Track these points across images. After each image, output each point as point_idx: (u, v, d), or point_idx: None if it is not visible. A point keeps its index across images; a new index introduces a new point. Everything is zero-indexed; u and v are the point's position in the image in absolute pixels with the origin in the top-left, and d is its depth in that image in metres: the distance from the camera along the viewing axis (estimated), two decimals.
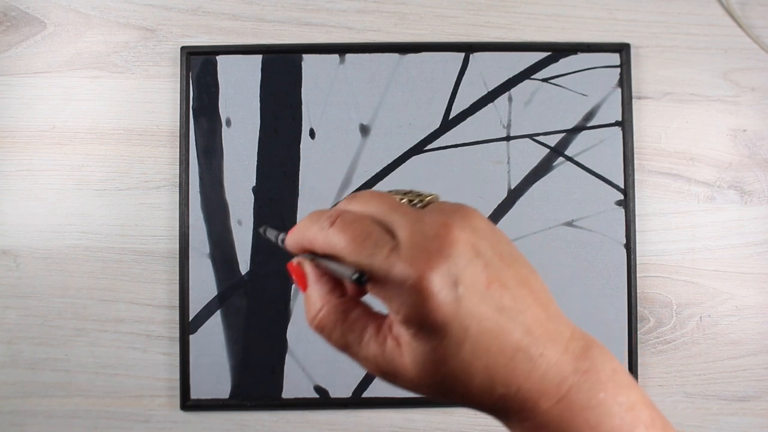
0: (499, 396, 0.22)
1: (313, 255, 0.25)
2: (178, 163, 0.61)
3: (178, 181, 0.61)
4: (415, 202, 0.26)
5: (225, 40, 0.62)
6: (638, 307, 0.61)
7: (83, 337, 0.61)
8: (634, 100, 0.62)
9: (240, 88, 0.61)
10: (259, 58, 0.62)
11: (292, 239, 0.26)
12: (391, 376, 0.24)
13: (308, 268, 0.25)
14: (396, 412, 0.61)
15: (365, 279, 0.22)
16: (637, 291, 0.61)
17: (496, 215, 0.61)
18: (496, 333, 0.22)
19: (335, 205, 0.26)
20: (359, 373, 0.60)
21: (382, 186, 0.61)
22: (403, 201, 0.26)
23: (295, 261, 0.26)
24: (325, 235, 0.24)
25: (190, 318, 0.60)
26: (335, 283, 0.25)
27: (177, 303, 0.60)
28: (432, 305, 0.21)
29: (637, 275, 0.61)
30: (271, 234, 0.29)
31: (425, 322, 0.21)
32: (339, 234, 0.23)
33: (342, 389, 0.60)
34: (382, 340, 0.23)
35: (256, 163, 0.61)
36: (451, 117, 0.62)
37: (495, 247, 0.23)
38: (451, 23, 0.63)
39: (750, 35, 0.63)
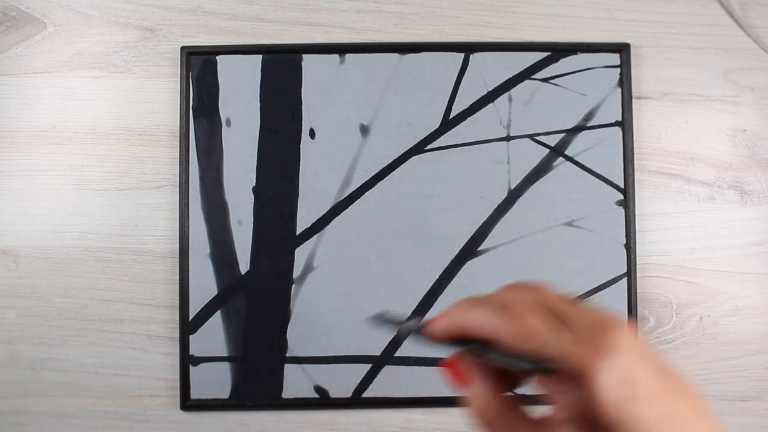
0: None
1: (466, 348, 0.25)
2: (178, 163, 0.61)
3: (178, 181, 0.61)
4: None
5: (225, 40, 0.62)
6: (638, 307, 0.61)
7: (83, 337, 0.61)
8: (634, 100, 0.62)
9: (240, 88, 0.62)
10: (259, 58, 0.62)
11: (445, 323, 0.25)
12: None
13: (470, 363, 0.25)
14: (396, 412, 0.61)
15: (552, 367, 0.21)
16: (637, 291, 0.61)
17: (496, 215, 0.61)
18: None
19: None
20: (359, 373, 0.60)
21: (382, 185, 0.61)
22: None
23: (450, 358, 0.25)
24: (494, 321, 0.23)
25: (190, 318, 0.60)
26: (496, 377, 0.25)
27: (177, 303, 0.60)
28: (605, 400, 0.21)
29: (637, 275, 0.61)
30: (390, 321, 0.27)
31: (595, 418, 0.21)
32: (514, 320, 0.23)
33: (342, 389, 0.60)
34: None
35: (256, 163, 0.61)
36: (451, 117, 0.62)
37: (653, 358, 0.22)
38: (451, 23, 0.63)
39: (750, 35, 0.63)
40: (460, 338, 0.25)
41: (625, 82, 0.61)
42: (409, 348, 0.60)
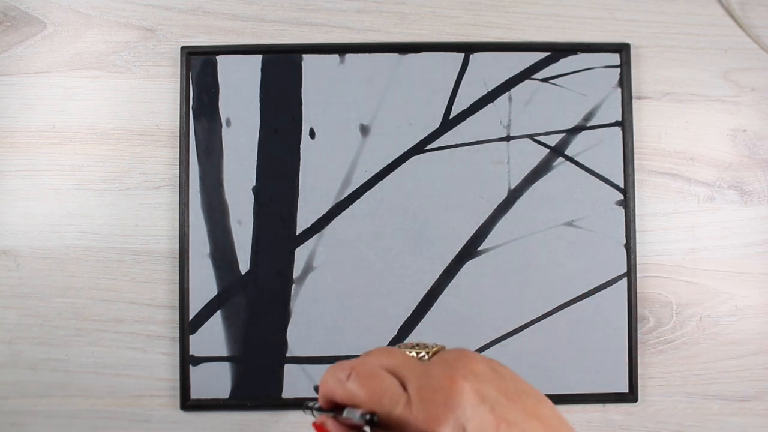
0: None
1: (336, 412, 0.27)
2: (178, 163, 0.61)
3: (178, 181, 0.61)
4: (422, 354, 0.28)
5: (225, 40, 0.62)
6: (638, 307, 0.61)
7: (83, 337, 0.61)
8: (634, 100, 0.62)
9: (240, 88, 0.62)
10: (259, 58, 0.62)
11: (320, 395, 0.28)
12: None
13: (330, 426, 0.27)
14: None
15: (375, 419, 0.24)
16: (637, 291, 0.61)
17: (496, 215, 0.61)
18: None
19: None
20: None
21: (382, 185, 0.61)
22: (411, 354, 0.28)
23: (318, 420, 0.28)
24: (343, 388, 0.26)
25: (190, 318, 0.60)
26: None
27: (177, 303, 0.60)
28: None
29: (637, 275, 0.61)
30: (308, 409, 0.30)
31: None
32: (357, 387, 0.25)
33: None
34: None
35: (256, 163, 0.61)
36: (451, 117, 0.62)
37: (499, 386, 0.24)
38: (451, 23, 0.63)
39: (750, 35, 0.63)
40: (339, 404, 0.27)
41: (625, 82, 0.61)
42: None
